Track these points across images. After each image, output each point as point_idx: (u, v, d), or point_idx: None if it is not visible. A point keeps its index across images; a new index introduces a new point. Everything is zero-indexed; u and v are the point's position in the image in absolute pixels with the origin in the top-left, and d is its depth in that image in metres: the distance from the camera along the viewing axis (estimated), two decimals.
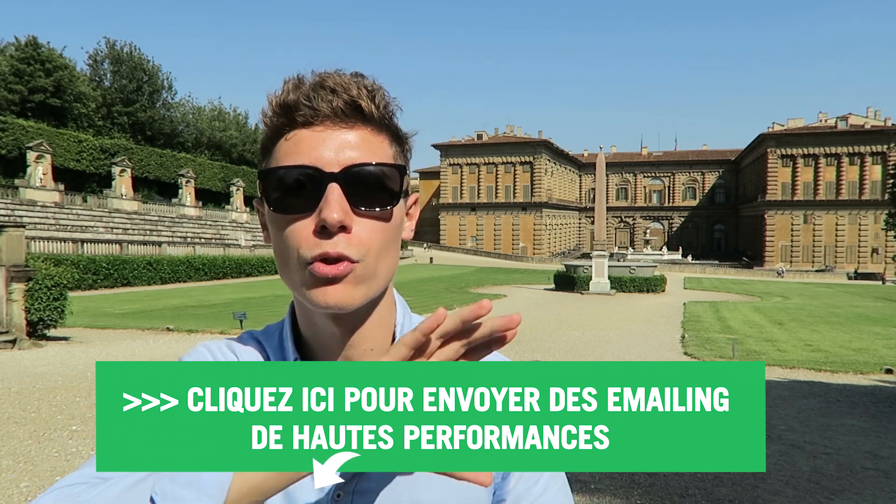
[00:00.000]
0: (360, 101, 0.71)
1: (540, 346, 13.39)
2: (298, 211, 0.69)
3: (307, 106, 0.70)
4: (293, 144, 0.71)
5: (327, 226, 0.67)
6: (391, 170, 0.72)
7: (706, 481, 5.23)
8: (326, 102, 0.70)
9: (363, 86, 0.72)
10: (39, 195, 37.72)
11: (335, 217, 0.67)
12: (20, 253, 12.45)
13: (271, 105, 0.72)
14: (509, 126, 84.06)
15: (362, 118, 0.72)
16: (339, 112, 0.70)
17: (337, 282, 0.69)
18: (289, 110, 0.71)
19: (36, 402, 7.58)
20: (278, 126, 0.72)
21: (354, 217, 0.70)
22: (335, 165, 0.69)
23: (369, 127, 0.72)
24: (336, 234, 0.68)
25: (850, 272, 59.41)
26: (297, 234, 0.69)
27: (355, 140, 0.71)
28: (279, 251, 0.72)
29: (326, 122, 0.71)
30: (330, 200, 0.67)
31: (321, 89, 0.70)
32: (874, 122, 69.22)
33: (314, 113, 0.70)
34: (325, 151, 0.69)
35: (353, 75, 0.73)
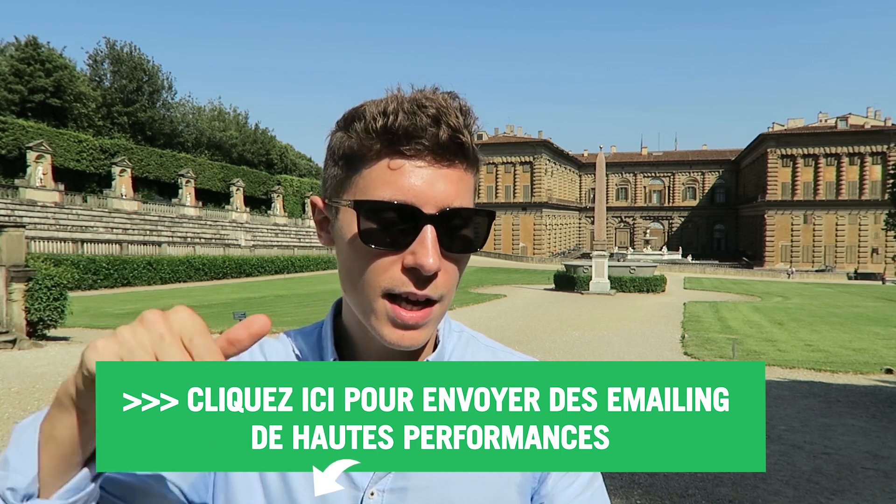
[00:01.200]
0: (460, 136, 0.70)
1: (540, 346, 13.40)
2: (389, 246, 0.69)
3: (413, 137, 0.68)
4: (393, 176, 0.69)
5: (422, 271, 0.67)
6: (482, 216, 0.73)
7: (706, 481, 5.23)
8: (431, 136, 0.68)
9: (460, 111, 0.70)
10: (39, 195, 37.72)
11: (432, 263, 0.67)
12: (20, 253, 12.45)
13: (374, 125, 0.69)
14: (509, 126, 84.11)
15: (462, 154, 0.71)
16: (442, 147, 0.69)
17: (417, 328, 0.70)
18: (393, 138, 0.69)
19: (36, 402, 7.58)
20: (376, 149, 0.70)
21: (444, 262, 0.70)
22: (432, 206, 0.69)
23: (465, 162, 0.72)
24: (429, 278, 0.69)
25: (849, 272, 59.43)
26: (383, 269, 0.69)
27: (451, 179, 0.70)
28: (353, 276, 0.72)
29: (428, 157, 0.69)
30: (426, 244, 0.67)
31: (425, 116, 0.68)
32: (874, 122, 69.24)
33: (419, 146, 0.69)
34: (423, 188, 0.69)
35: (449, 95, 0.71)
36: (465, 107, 0.72)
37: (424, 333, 0.71)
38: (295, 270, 43.77)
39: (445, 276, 0.71)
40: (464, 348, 0.85)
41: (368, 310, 0.71)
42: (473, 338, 0.87)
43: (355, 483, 0.73)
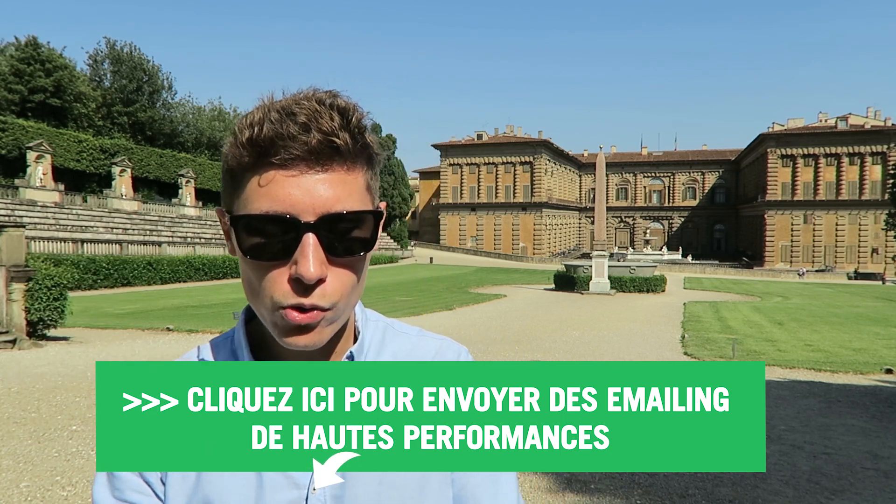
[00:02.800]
0: (334, 138, 0.68)
1: (540, 346, 13.39)
2: (273, 258, 0.68)
3: (281, 147, 0.67)
4: (266, 188, 0.68)
5: (304, 280, 0.66)
6: (367, 216, 0.71)
7: (706, 481, 5.23)
8: (301, 144, 0.67)
9: (337, 111, 0.69)
10: (39, 195, 37.71)
11: (312, 272, 0.66)
12: (20, 253, 12.44)
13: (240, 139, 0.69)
14: (509, 126, 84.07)
15: (338, 156, 0.69)
16: (314, 153, 0.68)
17: (309, 330, 0.69)
18: (261, 149, 0.68)
19: (36, 402, 7.58)
20: (248, 162, 0.69)
21: (329, 266, 0.69)
22: (311, 214, 0.67)
23: (345, 164, 0.70)
24: (314, 286, 0.68)
25: (849, 272, 59.40)
26: (272, 282, 0.69)
27: (330, 183, 0.69)
28: (250, 286, 0.72)
29: (300, 165, 0.68)
30: (306, 254, 0.66)
31: (293, 124, 0.67)
32: (874, 122, 69.20)
33: (288, 155, 0.67)
34: (300, 197, 0.67)
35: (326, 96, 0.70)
36: (345, 105, 0.70)
37: (319, 334, 0.70)
38: None
39: (337, 282, 0.70)
40: (381, 337, 0.85)
41: (269, 321, 0.71)
42: (389, 326, 0.88)
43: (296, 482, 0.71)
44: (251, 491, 0.71)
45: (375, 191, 0.76)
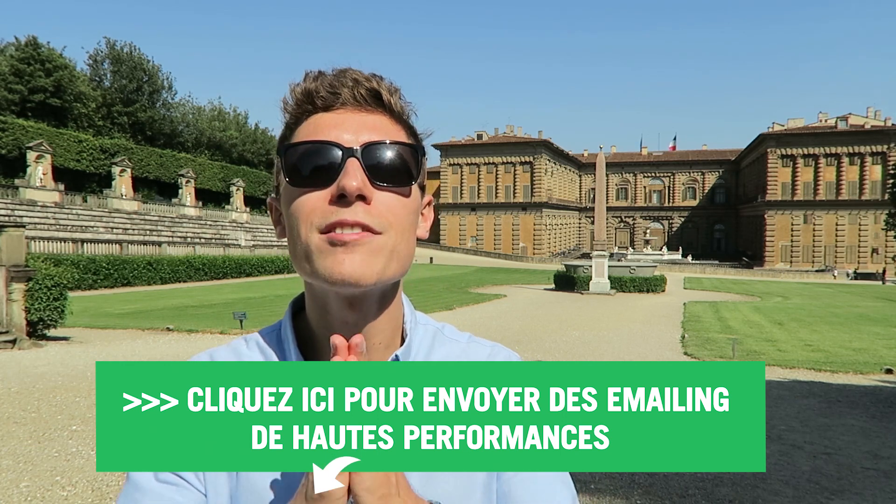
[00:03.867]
0: (380, 90, 0.73)
1: (540, 346, 13.39)
2: (317, 185, 0.69)
3: (329, 91, 0.72)
4: (313, 126, 0.72)
5: (346, 193, 0.67)
6: (409, 150, 0.73)
7: (706, 481, 5.23)
8: (348, 89, 0.72)
9: (382, 82, 0.75)
10: (39, 195, 37.71)
11: (353, 185, 0.66)
12: (20, 253, 12.44)
13: (293, 92, 0.74)
14: (509, 126, 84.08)
15: (382, 106, 0.74)
16: (360, 98, 0.73)
17: (354, 251, 0.67)
18: (310, 96, 0.73)
19: (36, 402, 7.58)
20: (299, 112, 0.74)
21: (374, 191, 0.69)
22: (355, 143, 0.70)
23: (388, 115, 0.74)
24: (354, 202, 0.68)
25: (849, 272, 59.39)
26: (312, 205, 0.69)
27: (375, 123, 0.73)
28: (291, 227, 0.72)
29: (347, 107, 0.73)
30: (349, 171, 0.68)
31: (342, 78, 0.73)
32: (874, 122, 69.21)
33: (335, 97, 0.72)
34: (345, 131, 0.71)
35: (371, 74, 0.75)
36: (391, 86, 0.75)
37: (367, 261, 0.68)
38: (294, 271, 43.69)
39: (383, 207, 0.69)
40: (431, 341, 0.83)
41: (308, 254, 0.69)
42: (439, 331, 0.86)
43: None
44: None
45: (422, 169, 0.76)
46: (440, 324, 0.88)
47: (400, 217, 0.71)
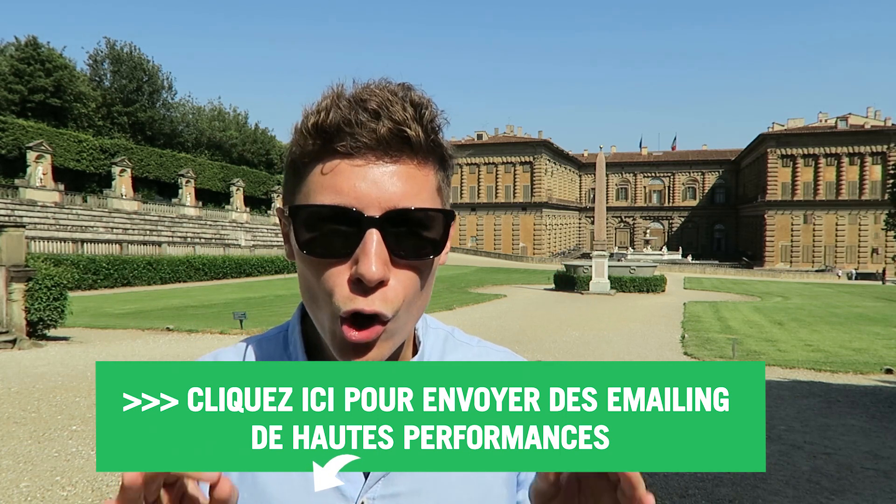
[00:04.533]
0: (405, 129, 0.63)
1: (540, 346, 13.39)
2: (333, 255, 0.64)
3: (348, 134, 0.63)
4: (330, 178, 0.64)
5: (365, 282, 0.62)
6: (437, 216, 0.66)
7: (706, 481, 5.23)
8: (369, 131, 0.63)
9: (410, 103, 0.64)
10: (39, 195, 37.72)
11: (374, 272, 0.61)
12: (20, 253, 12.45)
13: (306, 125, 0.65)
14: (509, 126, 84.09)
15: (409, 149, 0.65)
16: (383, 142, 0.63)
17: (368, 349, 0.65)
18: (326, 135, 0.64)
19: (36, 402, 7.58)
20: (312, 151, 0.65)
21: (392, 268, 0.64)
22: (376, 208, 0.63)
23: (416, 159, 0.66)
24: (374, 288, 0.63)
25: (849, 272, 59.39)
26: (331, 282, 0.64)
27: (399, 177, 0.64)
28: (308, 289, 0.68)
29: (368, 155, 0.64)
30: (368, 251, 0.62)
31: (363, 111, 0.63)
32: (874, 122, 69.22)
33: (355, 143, 0.63)
34: (365, 189, 0.63)
35: (399, 88, 0.65)
36: (419, 99, 0.65)
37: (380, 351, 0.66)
38: (295, 270, 43.61)
39: (399, 286, 0.65)
40: (442, 346, 0.82)
41: (323, 328, 0.67)
42: (450, 334, 0.84)
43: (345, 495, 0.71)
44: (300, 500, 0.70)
45: (447, 196, 0.70)
46: (449, 327, 0.86)
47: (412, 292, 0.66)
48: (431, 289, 0.72)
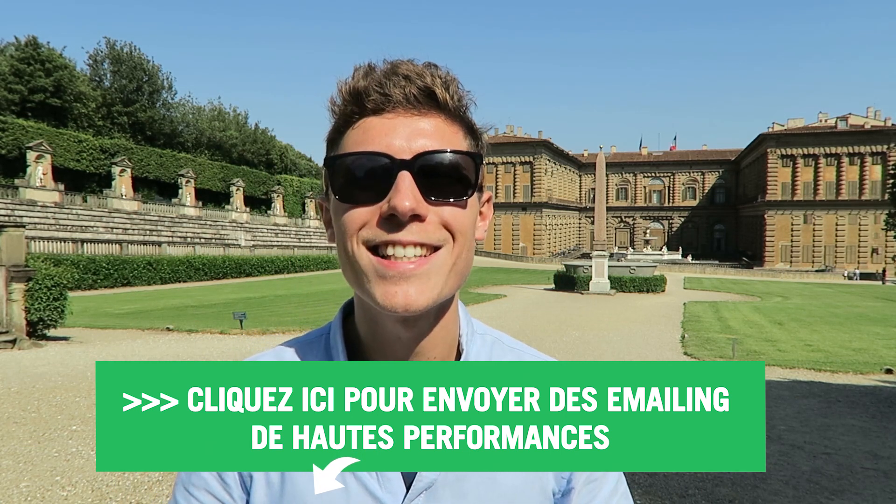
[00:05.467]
0: (434, 88, 0.67)
1: (540, 346, 13.36)
2: (366, 201, 0.65)
3: (378, 92, 0.66)
4: (362, 132, 0.67)
5: (397, 214, 0.63)
6: (466, 158, 0.68)
7: (706, 481, 5.23)
8: (399, 88, 0.66)
9: (437, 75, 0.68)
10: (39, 195, 37.71)
11: (406, 205, 0.63)
12: (20, 253, 12.44)
13: (341, 92, 0.69)
14: (509, 126, 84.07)
15: (436, 106, 0.68)
16: (413, 99, 0.67)
17: (409, 280, 0.64)
18: (359, 97, 0.67)
19: (36, 402, 7.58)
20: (347, 114, 0.69)
21: (429, 207, 0.65)
22: (407, 153, 0.65)
23: (443, 116, 0.69)
24: (407, 223, 0.64)
25: (849, 272, 59.37)
26: (362, 220, 0.65)
27: (428, 128, 0.67)
28: (341, 242, 0.68)
29: (398, 109, 0.67)
30: (401, 188, 0.63)
31: (393, 76, 0.67)
32: (874, 122, 69.20)
33: (385, 99, 0.66)
34: (396, 139, 0.66)
35: (426, 65, 0.69)
36: (447, 75, 0.69)
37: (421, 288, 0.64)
38: (295, 270, 43.78)
39: (437, 224, 0.65)
40: (489, 352, 0.79)
41: (359, 273, 0.66)
42: (498, 340, 0.81)
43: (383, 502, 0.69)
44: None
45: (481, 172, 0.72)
46: (498, 332, 0.84)
47: (460, 226, 0.67)
48: (472, 254, 0.72)
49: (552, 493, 0.75)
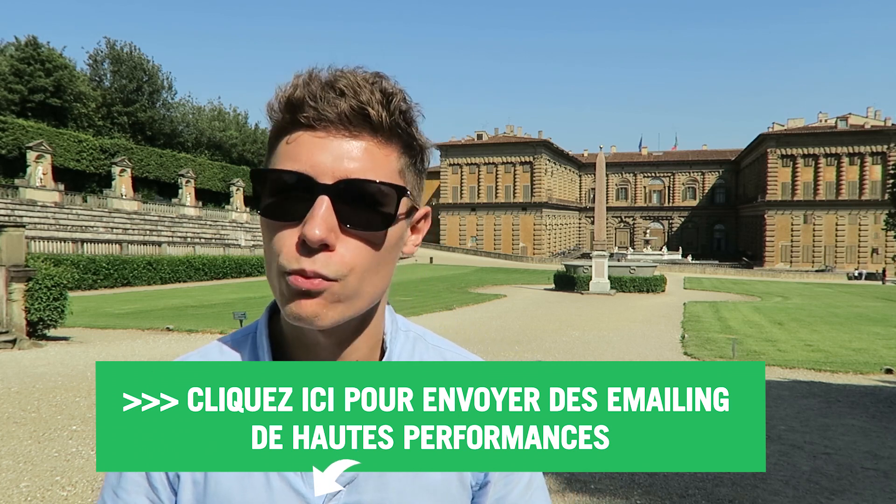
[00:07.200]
0: (368, 108, 0.65)
1: (540, 346, 13.39)
2: (287, 218, 0.65)
3: (311, 107, 0.65)
4: (292, 147, 0.66)
5: (308, 242, 0.63)
6: (389, 190, 0.66)
7: (706, 481, 5.23)
8: (332, 105, 0.65)
9: (378, 89, 0.66)
10: (39, 195, 37.71)
11: (316, 234, 0.62)
12: (20, 253, 12.44)
13: (277, 100, 0.68)
14: (509, 126, 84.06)
15: (370, 127, 0.66)
16: (344, 118, 0.65)
17: (312, 296, 0.64)
18: (293, 108, 0.67)
19: (36, 402, 7.58)
20: (281, 124, 0.68)
21: (341, 235, 0.65)
22: (329, 176, 0.64)
23: (377, 137, 0.67)
24: (318, 251, 0.64)
25: (849, 272, 59.36)
26: (281, 243, 0.65)
27: (357, 151, 0.66)
28: (266, 254, 0.69)
29: (329, 128, 0.66)
30: (315, 215, 0.63)
31: (330, 90, 0.65)
32: (874, 122, 69.20)
33: (318, 115, 0.65)
34: (322, 158, 0.65)
35: (371, 76, 0.68)
36: (390, 88, 0.67)
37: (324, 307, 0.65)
38: None
39: (347, 254, 0.65)
40: (412, 349, 0.80)
41: (277, 290, 0.67)
42: (421, 337, 0.83)
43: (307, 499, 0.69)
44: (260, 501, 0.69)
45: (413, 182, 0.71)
46: (421, 329, 0.85)
47: (364, 262, 0.66)
48: (391, 270, 0.72)
49: (470, 485, 0.76)
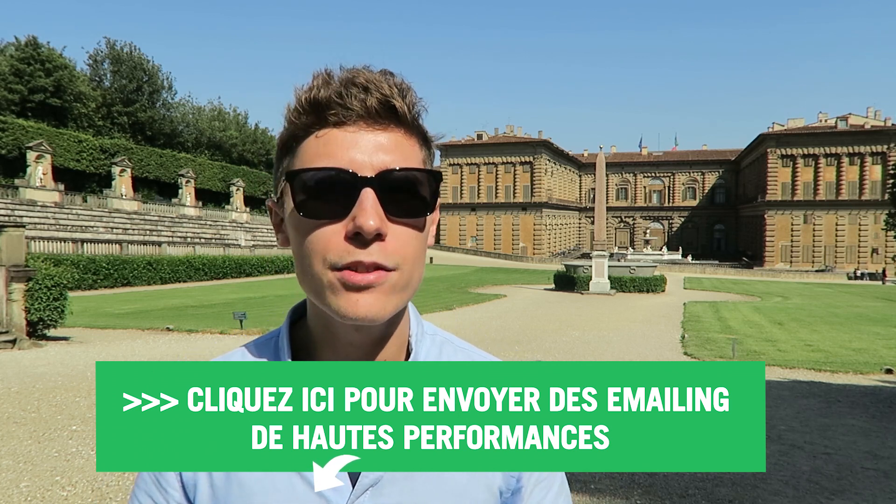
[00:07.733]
0: (393, 100, 0.67)
1: (540, 346, 13.39)
2: (328, 216, 0.66)
3: (339, 104, 0.67)
4: (323, 145, 0.67)
5: (363, 233, 0.63)
6: (426, 176, 0.69)
7: (706, 481, 5.23)
8: (359, 101, 0.67)
9: (394, 84, 0.69)
10: (39, 195, 37.71)
11: (372, 224, 0.63)
12: (20, 253, 12.44)
13: (299, 101, 0.69)
14: (509, 126, 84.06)
15: (395, 119, 0.69)
16: (373, 112, 0.67)
17: (369, 292, 0.65)
18: (319, 108, 0.67)
19: (36, 402, 7.58)
20: (306, 124, 0.69)
21: (390, 224, 0.66)
22: (369, 169, 0.66)
23: (402, 129, 0.69)
24: (371, 242, 0.64)
25: (849, 272, 59.36)
26: (326, 239, 0.65)
27: (389, 143, 0.68)
28: (301, 256, 0.68)
29: (359, 123, 0.67)
30: (365, 206, 0.64)
31: (353, 86, 0.67)
32: (874, 122, 69.19)
33: (347, 112, 0.67)
34: (358, 154, 0.66)
35: (382, 73, 0.70)
36: (402, 83, 0.70)
37: (382, 301, 0.66)
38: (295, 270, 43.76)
39: (397, 242, 0.66)
40: (438, 352, 0.80)
41: (320, 288, 0.67)
42: (448, 340, 0.83)
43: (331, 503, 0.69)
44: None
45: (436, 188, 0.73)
46: (448, 334, 0.85)
47: (414, 250, 0.68)
48: (425, 260, 0.73)
49: (499, 491, 0.75)
